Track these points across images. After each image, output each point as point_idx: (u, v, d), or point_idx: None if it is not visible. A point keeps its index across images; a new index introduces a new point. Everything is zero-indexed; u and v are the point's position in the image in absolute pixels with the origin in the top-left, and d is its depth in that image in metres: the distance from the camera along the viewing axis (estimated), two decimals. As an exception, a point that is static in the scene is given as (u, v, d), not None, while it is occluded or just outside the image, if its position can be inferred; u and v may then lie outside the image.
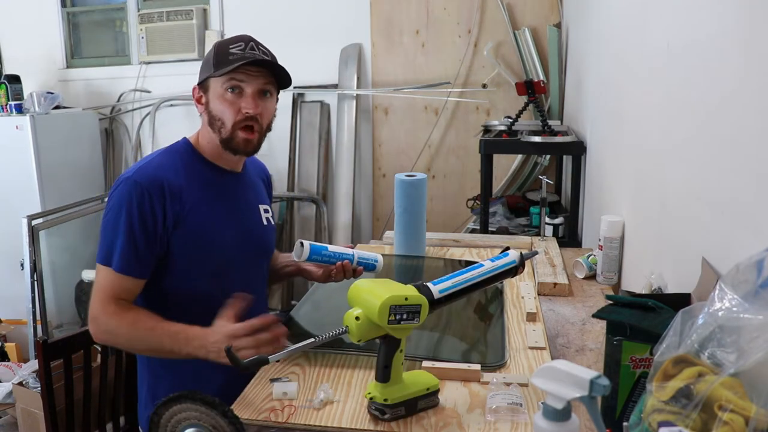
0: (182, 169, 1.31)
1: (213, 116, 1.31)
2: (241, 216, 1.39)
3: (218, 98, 1.29)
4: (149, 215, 1.23)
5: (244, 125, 1.29)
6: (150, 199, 1.23)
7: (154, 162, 1.30)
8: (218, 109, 1.29)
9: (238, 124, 1.29)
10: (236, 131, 1.30)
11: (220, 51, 1.29)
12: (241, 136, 1.30)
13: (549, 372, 0.75)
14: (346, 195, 3.71)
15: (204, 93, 1.33)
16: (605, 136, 2.13)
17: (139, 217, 1.23)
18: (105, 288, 1.24)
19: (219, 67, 1.27)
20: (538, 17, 3.43)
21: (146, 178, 1.25)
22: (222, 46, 1.30)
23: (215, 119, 1.30)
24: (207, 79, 1.31)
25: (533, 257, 1.21)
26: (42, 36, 4.23)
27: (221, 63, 1.28)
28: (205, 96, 1.33)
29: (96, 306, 1.24)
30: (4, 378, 2.87)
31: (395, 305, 0.93)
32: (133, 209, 1.23)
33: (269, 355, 0.96)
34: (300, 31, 3.73)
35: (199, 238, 1.29)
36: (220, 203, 1.34)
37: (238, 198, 1.39)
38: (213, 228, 1.31)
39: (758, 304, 0.67)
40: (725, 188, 1.00)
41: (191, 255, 1.29)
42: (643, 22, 1.59)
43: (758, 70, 0.87)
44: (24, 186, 3.47)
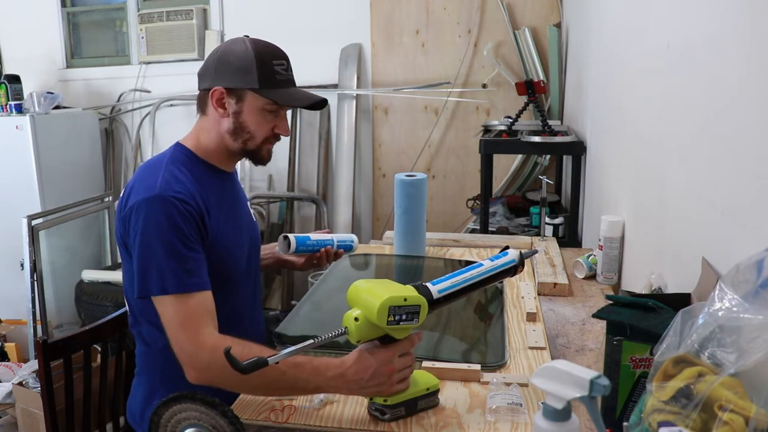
0: (193, 177, 1.27)
1: (242, 127, 1.28)
2: (241, 215, 1.40)
3: (255, 113, 1.27)
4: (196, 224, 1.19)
5: (271, 141, 1.33)
6: (189, 209, 1.18)
7: (169, 176, 1.22)
8: (252, 124, 1.28)
9: (268, 140, 1.31)
10: (264, 145, 1.32)
11: (263, 65, 1.25)
12: (266, 149, 1.33)
13: (549, 372, 0.75)
14: (346, 195, 3.71)
15: (236, 101, 1.27)
16: (605, 136, 2.13)
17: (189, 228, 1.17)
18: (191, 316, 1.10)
19: (266, 85, 1.25)
20: (538, 17, 3.43)
21: (175, 191, 1.18)
22: (264, 59, 1.26)
23: (243, 131, 1.28)
24: (246, 89, 1.26)
25: (533, 256, 1.20)
26: (42, 36, 4.23)
27: (268, 81, 1.25)
28: (237, 105, 1.27)
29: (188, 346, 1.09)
30: (4, 378, 2.87)
31: (394, 306, 0.93)
32: (178, 223, 1.16)
33: (268, 357, 0.95)
34: (300, 31, 3.73)
35: (219, 242, 1.27)
36: (227, 205, 1.34)
37: (235, 197, 1.40)
38: (227, 231, 1.30)
39: (758, 304, 0.67)
40: (725, 188, 1.00)
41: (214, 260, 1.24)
42: (643, 22, 1.59)
43: (759, 70, 0.87)
44: (24, 186, 3.47)
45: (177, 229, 1.16)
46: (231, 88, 1.26)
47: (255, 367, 0.92)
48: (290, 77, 1.30)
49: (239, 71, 1.25)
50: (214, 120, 1.29)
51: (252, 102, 1.26)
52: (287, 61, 1.30)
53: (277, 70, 1.27)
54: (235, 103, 1.27)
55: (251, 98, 1.26)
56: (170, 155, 1.30)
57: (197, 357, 1.09)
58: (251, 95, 1.26)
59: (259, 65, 1.25)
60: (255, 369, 0.92)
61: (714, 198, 1.04)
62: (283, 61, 1.29)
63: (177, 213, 1.16)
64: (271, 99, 1.26)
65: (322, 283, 1.63)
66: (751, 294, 0.68)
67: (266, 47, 1.28)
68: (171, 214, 1.16)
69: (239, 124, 1.28)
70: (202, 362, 1.08)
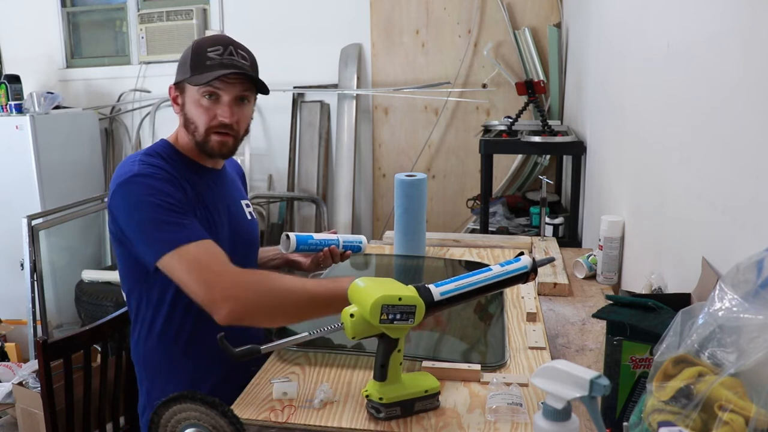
0: (169, 165, 1.29)
1: (188, 119, 1.30)
2: (229, 212, 1.39)
3: (194, 103, 1.28)
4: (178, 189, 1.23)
5: (217, 130, 1.29)
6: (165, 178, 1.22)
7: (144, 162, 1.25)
8: (193, 114, 1.29)
9: (212, 129, 1.29)
10: (210, 135, 1.29)
11: (197, 54, 1.26)
12: (214, 140, 1.30)
13: (549, 372, 0.75)
14: (346, 195, 3.71)
15: (180, 94, 1.32)
16: (605, 136, 2.13)
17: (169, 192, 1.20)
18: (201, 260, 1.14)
19: (196, 72, 1.25)
20: (538, 17, 3.43)
21: (145, 168, 1.22)
22: (200, 48, 1.27)
23: (189, 122, 1.30)
24: (183, 82, 1.29)
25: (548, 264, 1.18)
26: (42, 36, 4.23)
27: (198, 68, 1.25)
28: (181, 97, 1.31)
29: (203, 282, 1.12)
30: (4, 378, 2.86)
31: (387, 305, 0.93)
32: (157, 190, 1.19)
33: (261, 347, 0.96)
34: (300, 31, 3.73)
35: None
36: (210, 201, 1.34)
37: (224, 195, 1.39)
38: (208, 226, 1.30)
39: (758, 304, 0.67)
40: (725, 188, 1.00)
41: None
42: (643, 22, 1.59)
43: (759, 70, 0.87)
44: (24, 186, 3.47)
45: (159, 195, 1.18)
46: (177, 83, 1.31)
47: (248, 355, 0.94)
48: (225, 61, 1.25)
49: (181, 65, 1.30)
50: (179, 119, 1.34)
51: (190, 93, 1.28)
52: (226, 46, 1.27)
53: (209, 56, 1.25)
54: (180, 96, 1.31)
55: (189, 89, 1.28)
56: (147, 148, 1.34)
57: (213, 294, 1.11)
58: (188, 86, 1.28)
59: (194, 55, 1.27)
60: (248, 356, 0.94)
61: (714, 198, 1.04)
62: (219, 47, 1.26)
63: (156, 182, 1.20)
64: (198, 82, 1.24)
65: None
66: (751, 294, 0.68)
67: (209, 38, 1.29)
68: (150, 184, 1.19)
69: (186, 118, 1.31)
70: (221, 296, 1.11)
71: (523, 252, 1.12)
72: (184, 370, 1.33)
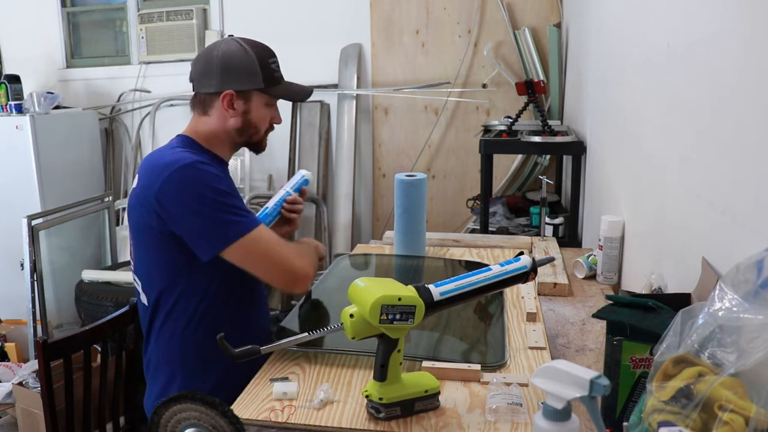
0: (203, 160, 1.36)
1: (250, 124, 1.39)
2: None
3: (261, 110, 1.40)
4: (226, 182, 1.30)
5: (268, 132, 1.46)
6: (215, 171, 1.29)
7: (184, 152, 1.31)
8: (259, 119, 1.40)
9: (267, 132, 1.45)
10: (265, 137, 1.45)
11: (264, 66, 1.37)
12: (266, 140, 1.46)
13: (549, 372, 0.75)
14: (346, 195, 3.71)
15: (245, 102, 1.38)
16: (605, 136, 2.13)
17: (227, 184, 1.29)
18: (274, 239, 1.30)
19: (270, 84, 1.38)
20: (538, 17, 3.43)
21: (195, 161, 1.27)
22: (264, 60, 1.38)
23: (251, 127, 1.40)
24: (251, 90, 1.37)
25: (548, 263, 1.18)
26: (42, 36, 4.23)
27: (271, 80, 1.38)
28: (246, 105, 1.38)
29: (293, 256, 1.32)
30: (4, 378, 2.86)
31: (387, 305, 0.93)
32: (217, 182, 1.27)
33: (261, 347, 0.96)
34: (300, 31, 3.74)
35: None
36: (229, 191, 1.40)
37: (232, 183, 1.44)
38: None
39: (758, 304, 0.67)
40: (725, 188, 1.00)
41: None
42: (643, 22, 1.59)
43: (758, 70, 0.87)
44: (24, 186, 3.47)
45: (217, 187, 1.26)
46: (240, 90, 1.36)
47: (248, 355, 0.95)
48: (281, 72, 1.43)
49: (246, 74, 1.36)
50: (218, 119, 1.38)
51: (258, 100, 1.39)
52: (276, 57, 1.44)
53: (273, 68, 1.40)
54: (243, 103, 1.37)
55: (257, 97, 1.38)
56: (176, 141, 1.39)
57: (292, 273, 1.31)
58: (257, 94, 1.38)
59: (262, 67, 1.37)
60: (247, 357, 0.95)
61: (714, 198, 1.04)
62: (275, 58, 1.42)
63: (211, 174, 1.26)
64: (277, 96, 1.41)
65: (322, 282, 1.63)
66: (751, 294, 0.68)
67: (261, 48, 1.40)
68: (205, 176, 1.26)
69: (247, 122, 1.39)
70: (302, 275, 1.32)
71: (522, 252, 1.12)
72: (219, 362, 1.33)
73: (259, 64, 1.37)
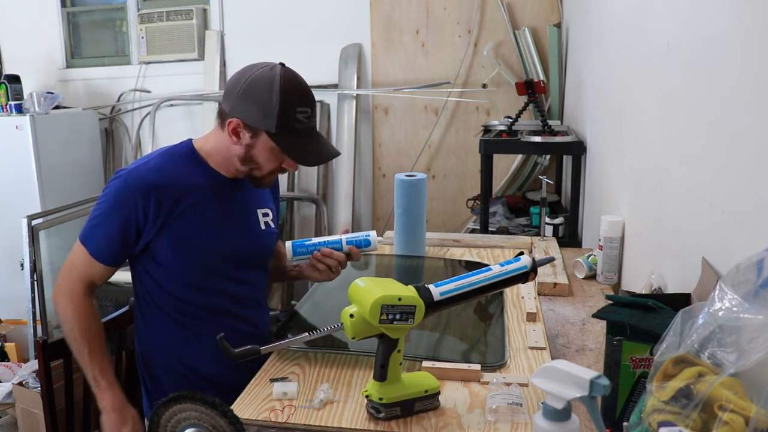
0: (180, 173, 1.31)
1: (251, 159, 1.29)
2: (234, 222, 1.37)
3: (267, 152, 1.28)
4: (132, 216, 1.26)
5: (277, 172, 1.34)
6: (134, 202, 1.25)
7: (150, 164, 1.30)
8: (262, 159, 1.29)
9: (274, 172, 1.33)
10: (269, 176, 1.33)
11: (286, 110, 1.23)
12: (270, 179, 1.35)
13: (549, 372, 0.75)
14: (346, 195, 3.71)
15: (250, 136, 1.27)
16: (605, 136, 2.13)
17: (121, 215, 1.26)
18: (77, 265, 1.31)
19: (283, 130, 1.24)
20: (538, 17, 3.43)
21: (137, 179, 1.27)
22: (288, 106, 1.23)
23: (253, 161, 1.30)
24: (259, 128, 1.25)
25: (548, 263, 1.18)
26: (42, 36, 4.23)
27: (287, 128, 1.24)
28: (251, 139, 1.27)
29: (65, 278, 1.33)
30: (4, 378, 2.86)
31: (387, 305, 0.93)
32: (117, 206, 1.26)
33: (261, 347, 0.96)
34: (300, 31, 3.73)
35: (186, 242, 1.30)
36: (214, 209, 1.34)
37: (234, 203, 1.38)
38: (200, 233, 1.31)
39: (758, 304, 0.67)
40: (725, 188, 1.00)
41: (177, 258, 1.31)
42: (643, 22, 1.59)
43: (759, 70, 0.87)
44: (24, 186, 3.47)
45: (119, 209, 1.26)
46: (248, 124, 1.26)
47: (248, 355, 0.95)
48: (311, 125, 1.29)
49: (260, 110, 1.24)
50: (227, 140, 1.30)
51: (265, 141, 1.26)
52: (312, 108, 1.28)
53: (298, 118, 1.25)
54: (249, 136, 1.27)
55: (265, 138, 1.26)
56: (175, 146, 1.37)
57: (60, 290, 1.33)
58: (266, 135, 1.25)
59: (281, 111, 1.23)
60: (247, 357, 0.95)
61: (714, 198, 1.04)
62: (307, 109, 1.27)
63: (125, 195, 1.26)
64: (283, 148, 1.26)
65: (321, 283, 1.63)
66: (751, 294, 0.68)
67: (294, 90, 1.25)
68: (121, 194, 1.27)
69: (249, 156, 1.29)
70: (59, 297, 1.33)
71: (522, 252, 1.12)
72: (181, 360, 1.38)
73: (280, 106, 1.22)
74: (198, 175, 1.33)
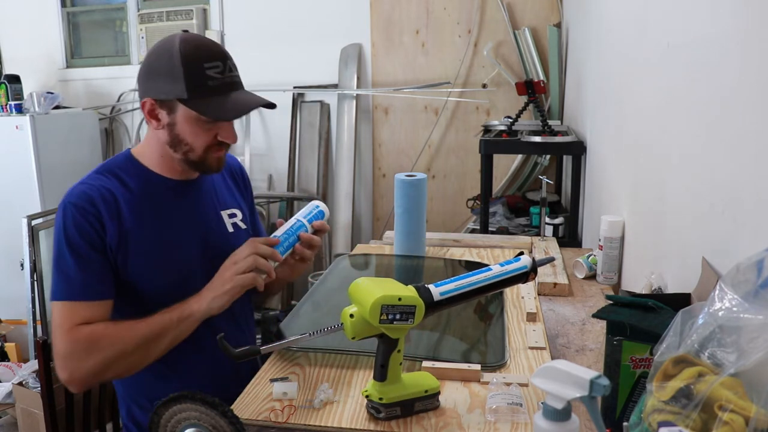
0: (120, 184, 1.20)
1: (180, 139, 1.17)
2: (196, 228, 1.27)
3: (190, 124, 1.15)
4: (92, 232, 1.14)
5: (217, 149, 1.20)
6: (85, 216, 1.14)
7: (86, 181, 1.20)
8: (188, 135, 1.16)
9: (212, 149, 1.19)
10: (209, 154, 1.19)
11: (193, 70, 1.12)
12: (213, 158, 1.20)
13: (549, 372, 0.75)
14: (346, 195, 3.71)
15: (167, 113, 1.16)
16: (605, 136, 2.13)
17: (80, 236, 1.14)
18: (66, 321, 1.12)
19: (196, 94, 1.12)
20: (538, 17, 3.43)
21: (76, 197, 1.16)
22: (195, 63, 1.12)
23: (182, 143, 1.17)
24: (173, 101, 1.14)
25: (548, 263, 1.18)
26: (42, 36, 4.23)
27: (199, 89, 1.12)
28: (169, 116, 1.16)
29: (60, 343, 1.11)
30: (4, 378, 2.87)
31: (387, 305, 0.93)
32: (71, 231, 1.14)
33: (261, 347, 0.96)
34: (300, 31, 3.73)
35: (147, 256, 1.19)
36: (176, 218, 1.24)
37: (191, 208, 1.27)
38: (161, 245, 1.21)
39: (758, 304, 0.67)
40: (725, 188, 1.00)
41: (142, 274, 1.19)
42: (643, 22, 1.59)
43: (759, 70, 0.87)
44: (24, 186, 3.47)
45: (67, 237, 1.14)
46: (160, 99, 1.15)
47: (247, 355, 0.95)
48: (228, 80, 1.15)
49: (166, 80, 1.13)
50: (152, 131, 1.21)
51: (183, 113, 1.15)
52: (224, 61, 1.15)
53: (209, 74, 1.13)
54: (166, 114, 1.16)
55: (182, 109, 1.14)
56: (110, 160, 1.26)
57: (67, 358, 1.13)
58: (182, 106, 1.14)
59: (187, 72, 1.12)
60: (247, 357, 0.95)
61: (714, 198, 1.04)
62: (217, 62, 1.14)
63: (70, 219, 1.15)
64: (200, 111, 1.13)
65: (322, 282, 1.63)
66: (751, 294, 0.68)
67: (197, 47, 1.13)
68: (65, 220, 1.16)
69: (175, 136, 1.17)
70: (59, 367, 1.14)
71: (522, 252, 1.12)
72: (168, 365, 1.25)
73: (185, 69, 1.11)
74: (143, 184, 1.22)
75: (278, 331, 1.35)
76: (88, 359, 1.12)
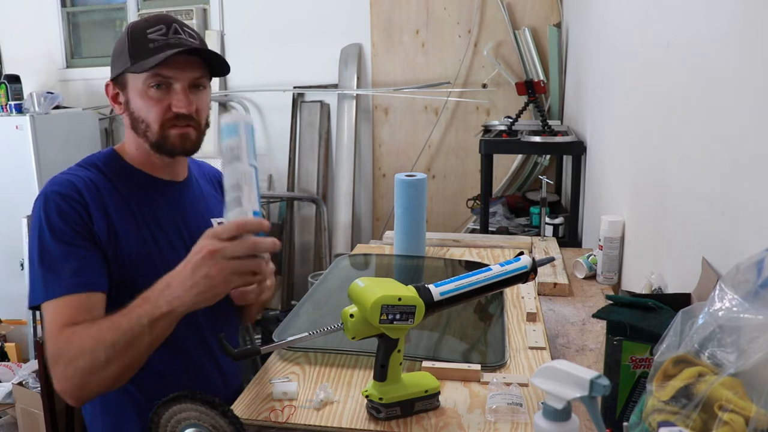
0: (105, 179, 1.13)
1: (136, 117, 1.12)
2: (190, 232, 1.20)
3: (140, 96, 1.10)
4: (78, 219, 1.05)
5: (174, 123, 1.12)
6: (71, 203, 1.05)
7: (68, 172, 1.13)
8: (141, 109, 1.11)
9: (168, 123, 1.12)
10: (167, 130, 1.12)
11: (136, 38, 1.09)
12: (174, 134, 1.12)
13: (549, 372, 0.75)
14: (346, 195, 3.71)
15: (121, 90, 1.13)
16: (605, 136, 2.13)
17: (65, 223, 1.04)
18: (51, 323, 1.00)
19: (138, 59, 1.08)
20: (538, 17, 3.43)
21: (58, 185, 1.07)
22: (138, 31, 1.09)
23: (138, 121, 1.12)
24: (124, 74, 1.11)
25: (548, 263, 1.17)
26: (42, 36, 4.23)
27: (140, 54, 1.08)
28: (123, 94, 1.13)
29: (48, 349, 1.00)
30: (4, 378, 2.87)
31: (387, 305, 0.93)
32: (54, 219, 1.04)
33: (261, 347, 0.96)
34: (300, 31, 3.73)
35: (133, 262, 1.11)
36: (164, 220, 1.18)
37: (183, 212, 1.22)
38: (149, 252, 1.13)
39: (758, 304, 0.67)
40: (725, 188, 1.00)
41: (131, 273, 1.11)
42: (643, 22, 1.59)
43: (759, 70, 0.87)
44: (24, 186, 3.47)
45: (50, 226, 1.04)
46: (115, 78, 1.13)
47: (247, 355, 0.94)
48: (173, 41, 1.09)
49: (116, 56, 1.12)
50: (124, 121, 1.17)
51: (134, 85, 1.10)
52: (169, 25, 1.10)
53: (150, 38, 1.08)
54: (122, 92, 1.13)
55: (132, 81, 1.11)
56: (92, 155, 1.19)
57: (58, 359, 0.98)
58: (131, 78, 1.10)
59: (131, 40, 1.09)
60: (247, 357, 0.95)
61: (714, 198, 1.04)
62: (160, 26, 1.09)
63: (53, 207, 1.05)
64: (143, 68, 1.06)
65: (322, 283, 1.63)
66: (751, 294, 0.68)
67: (145, 20, 1.11)
68: (47, 209, 1.05)
69: (133, 117, 1.12)
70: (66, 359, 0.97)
71: (522, 252, 1.12)
72: None
73: (129, 38, 1.08)
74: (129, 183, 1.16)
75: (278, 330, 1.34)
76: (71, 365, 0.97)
